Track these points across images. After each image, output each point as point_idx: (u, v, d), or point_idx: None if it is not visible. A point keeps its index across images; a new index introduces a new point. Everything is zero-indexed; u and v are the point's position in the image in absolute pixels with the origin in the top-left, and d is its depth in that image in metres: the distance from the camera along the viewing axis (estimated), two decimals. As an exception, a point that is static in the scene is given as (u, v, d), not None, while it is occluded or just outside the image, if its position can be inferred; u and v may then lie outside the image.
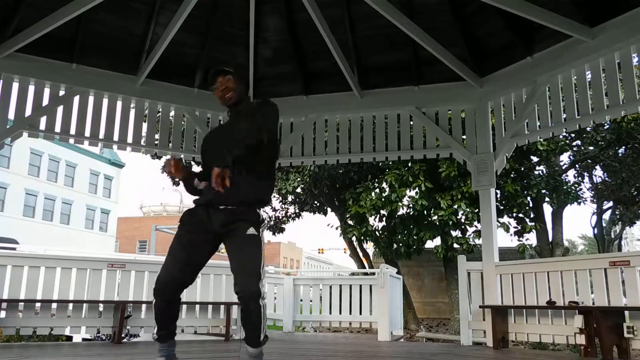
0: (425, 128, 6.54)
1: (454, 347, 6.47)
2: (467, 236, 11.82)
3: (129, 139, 6.30)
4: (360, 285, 7.75)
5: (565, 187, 12.78)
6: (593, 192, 16.25)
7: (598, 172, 15.79)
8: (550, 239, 13.48)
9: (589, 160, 14.52)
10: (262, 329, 2.69)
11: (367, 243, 13.92)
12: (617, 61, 5.08)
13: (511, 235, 12.42)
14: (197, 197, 2.88)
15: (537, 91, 5.62)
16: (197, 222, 2.80)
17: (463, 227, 11.86)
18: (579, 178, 15.15)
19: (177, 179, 2.93)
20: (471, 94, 6.16)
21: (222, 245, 2.89)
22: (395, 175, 11.18)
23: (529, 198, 12.06)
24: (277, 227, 16.46)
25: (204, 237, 2.78)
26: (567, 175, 14.38)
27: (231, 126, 2.91)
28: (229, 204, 2.74)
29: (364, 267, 14.69)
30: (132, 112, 6.45)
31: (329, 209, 15.03)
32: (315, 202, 15.17)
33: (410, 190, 11.74)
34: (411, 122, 6.61)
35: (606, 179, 15.35)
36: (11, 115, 5.67)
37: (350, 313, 7.73)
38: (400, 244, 12.17)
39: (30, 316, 5.42)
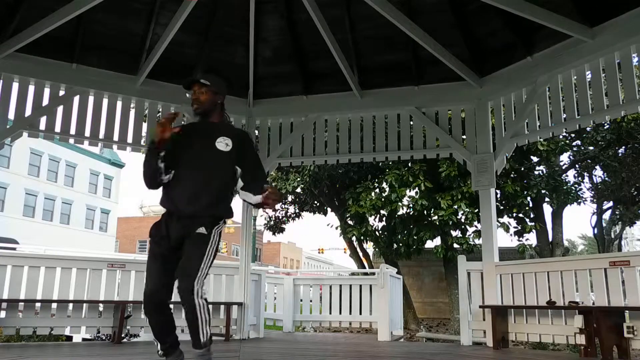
0: (425, 128, 6.54)
1: (454, 347, 6.47)
2: (467, 236, 11.83)
3: (129, 139, 6.29)
4: (360, 285, 7.75)
5: (565, 187, 12.78)
6: (593, 192, 16.25)
7: (598, 172, 15.80)
8: (550, 239, 13.49)
9: (589, 160, 14.52)
10: (201, 329, 2.71)
11: (367, 243, 13.94)
12: (617, 61, 5.07)
13: (511, 235, 12.44)
14: (162, 203, 2.97)
15: (537, 91, 5.62)
16: (162, 234, 2.90)
17: (463, 227, 11.86)
18: (579, 178, 15.15)
19: (154, 144, 2.82)
20: (471, 94, 6.16)
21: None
22: (395, 175, 11.18)
23: (529, 198, 12.06)
24: (277, 227, 16.47)
25: (170, 247, 2.87)
26: (567, 175, 14.39)
27: (208, 141, 2.97)
28: (189, 213, 2.85)
29: (364, 267, 14.70)
30: (132, 112, 6.45)
31: (329, 209, 15.04)
32: (315, 202, 15.18)
33: (410, 190, 11.74)
34: (411, 122, 6.61)
35: (606, 179, 15.35)
36: (11, 115, 5.67)
37: (350, 313, 7.73)
38: (400, 244, 12.17)
39: (30, 316, 5.42)
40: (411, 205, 11.86)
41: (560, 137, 11.55)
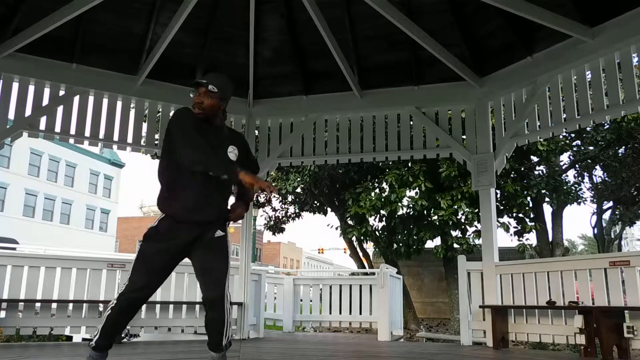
0: (425, 128, 6.54)
1: (454, 347, 6.47)
2: (467, 236, 11.82)
3: (129, 139, 6.29)
4: (360, 285, 7.76)
5: (565, 187, 12.77)
6: (593, 192, 16.24)
7: (598, 172, 15.79)
8: (550, 239, 13.47)
9: (589, 160, 14.50)
10: (225, 332, 2.77)
11: (367, 243, 13.93)
12: (617, 61, 5.07)
13: (511, 235, 12.43)
14: (167, 209, 2.85)
15: (537, 91, 5.62)
16: (172, 235, 2.80)
17: (463, 227, 11.85)
18: (579, 178, 15.13)
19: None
20: (471, 94, 6.16)
21: None
22: (395, 175, 11.17)
23: (529, 198, 12.05)
24: (277, 227, 16.46)
25: (175, 251, 2.83)
26: (567, 175, 14.37)
27: (220, 150, 2.91)
28: (201, 221, 2.82)
29: (364, 267, 14.69)
30: (132, 112, 6.44)
31: (329, 209, 15.03)
32: (315, 202, 15.17)
33: (410, 191, 11.74)
34: (411, 122, 6.61)
35: (606, 179, 15.34)
36: (11, 115, 5.67)
37: (350, 313, 7.73)
38: (400, 244, 12.17)
39: (30, 316, 5.42)
40: (411, 206, 11.86)
41: (560, 137, 11.54)
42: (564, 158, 14.33)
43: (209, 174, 2.76)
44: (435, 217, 11.51)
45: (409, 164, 11.17)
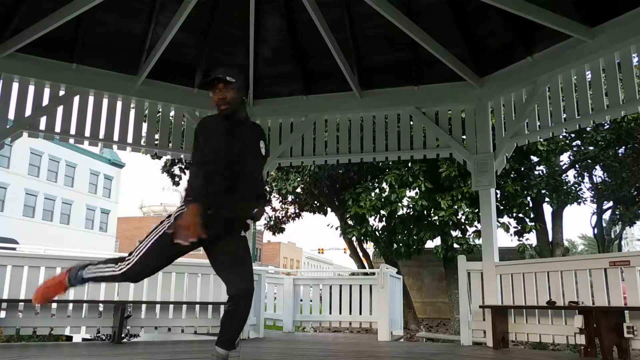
0: (425, 128, 6.54)
1: (454, 347, 6.47)
2: (467, 236, 11.83)
3: (129, 139, 6.29)
4: (360, 285, 7.75)
5: (565, 187, 12.80)
6: (593, 192, 16.26)
7: (598, 172, 15.81)
8: (550, 239, 13.49)
9: (589, 160, 14.52)
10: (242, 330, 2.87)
11: (367, 243, 13.94)
12: (617, 61, 5.07)
13: (511, 235, 12.45)
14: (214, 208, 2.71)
15: (537, 91, 5.62)
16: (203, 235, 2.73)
17: (463, 227, 11.86)
18: (579, 178, 15.16)
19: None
20: (471, 94, 6.16)
21: None
22: (395, 175, 11.19)
23: (529, 198, 12.07)
24: (277, 227, 16.47)
25: (193, 247, 2.76)
26: (567, 175, 14.39)
27: (251, 140, 2.95)
28: (239, 217, 2.84)
29: (364, 267, 14.70)
30: (132, 112, 6.45)
31: (329, 209, 15.03)
32: (315, 202, 15.18)
33: (410, 191, 11.75)
34: (411, 122, 6.61)
35: (606, 179, 15.36)
36: (11, 115, 5.67)
37: (350, 313, 7.73)
38: (400, 244, 12.18)
39: (30, 316, 5.42)
40: (411, 206, 11.86)
41: (560, 137, 11.55)
42: (564, 158, 14.37)
43: (245, 176, 2.79)
44: (435, 217, 11.52)
45: (409, 164, 11.18)
